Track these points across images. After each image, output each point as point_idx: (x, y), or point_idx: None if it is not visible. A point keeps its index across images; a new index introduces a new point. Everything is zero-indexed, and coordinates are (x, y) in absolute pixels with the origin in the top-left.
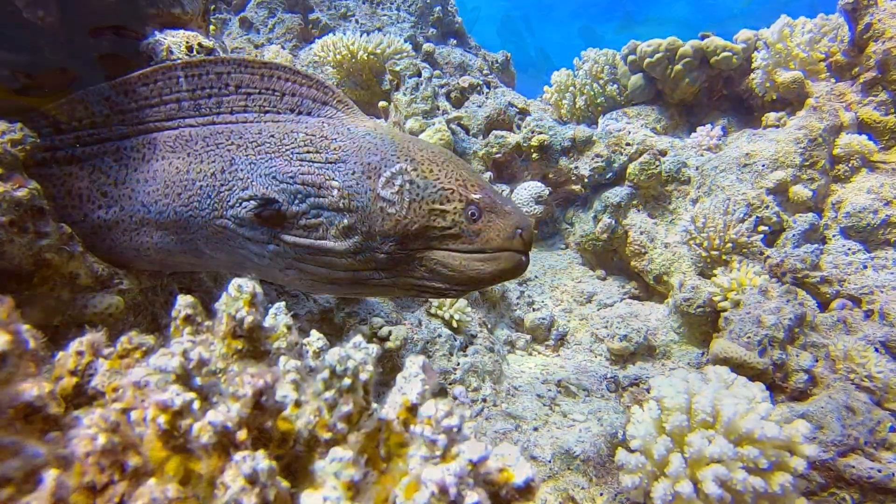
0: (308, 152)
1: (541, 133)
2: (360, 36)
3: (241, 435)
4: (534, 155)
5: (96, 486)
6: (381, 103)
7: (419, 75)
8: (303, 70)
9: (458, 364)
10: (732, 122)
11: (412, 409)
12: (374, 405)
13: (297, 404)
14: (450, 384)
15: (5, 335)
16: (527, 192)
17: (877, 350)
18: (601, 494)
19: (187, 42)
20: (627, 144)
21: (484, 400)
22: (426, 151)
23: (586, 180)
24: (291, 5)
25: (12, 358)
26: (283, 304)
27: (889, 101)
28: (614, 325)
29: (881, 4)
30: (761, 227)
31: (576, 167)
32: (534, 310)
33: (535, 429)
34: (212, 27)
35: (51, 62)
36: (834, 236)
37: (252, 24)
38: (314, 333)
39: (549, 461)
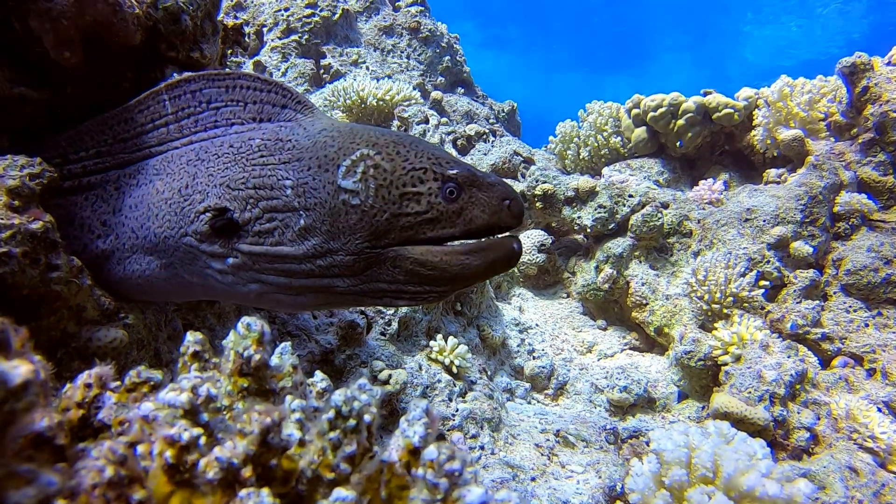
0: (262, 156)
1: (545, 182)
2: (371, 82)
3: (247, 472)
4: (537, 204)
5: None
6: None
7: (427, 122)
8: (264, 76)
9: (457, 410)
10: (734, 176)
11: (415, 453)
12: (376, 447)
13: (302, 443)
14: (448, 430)
15: (28, 364)
16: (530, 241)
17: (880, 410)
18: None
19: None
20: (630, 196)
21: (482, 448)
22: (390, 136)
23: (589, 230)
24: (305, 51)
25: (34, 388)
26: (288, 344)
27: (888, 163)
28: (614, 375)
29: (878, 69)
30: (762, 282)
31: (579, 217)
32: (534, 358)
33: (533, 479)
34: (227, 70)
35: (72, 99)
36: (835, 293)
37: (265, 68)
38: (318, 374)
39: None
